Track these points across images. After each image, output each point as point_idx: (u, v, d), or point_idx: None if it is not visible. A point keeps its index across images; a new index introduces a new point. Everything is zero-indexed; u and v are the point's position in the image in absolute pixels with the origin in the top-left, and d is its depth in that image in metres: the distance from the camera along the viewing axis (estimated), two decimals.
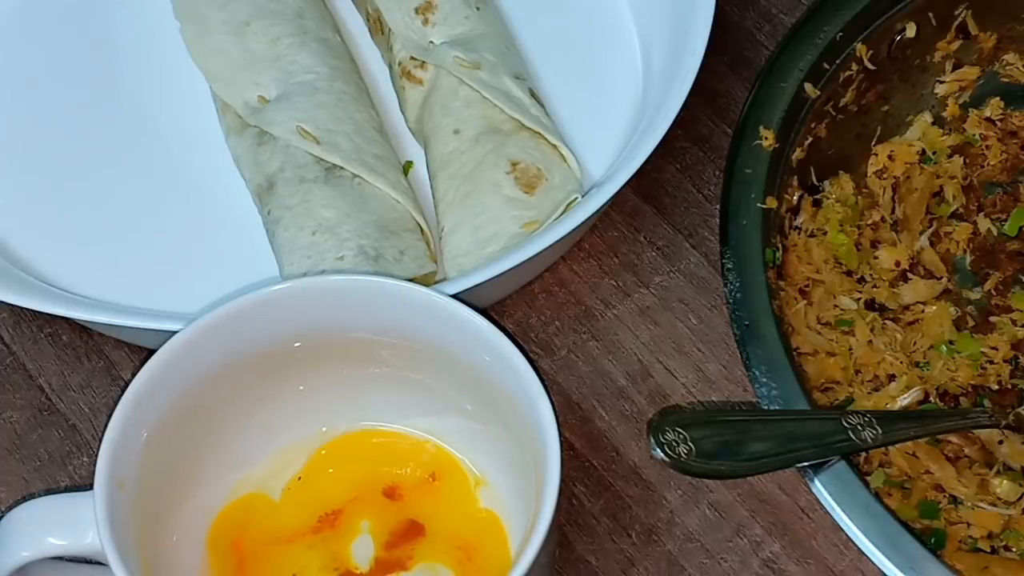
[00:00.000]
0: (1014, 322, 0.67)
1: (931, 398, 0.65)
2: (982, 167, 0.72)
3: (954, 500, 0.61)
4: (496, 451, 0.59)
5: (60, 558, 0.54)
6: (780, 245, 0.66)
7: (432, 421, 0.61)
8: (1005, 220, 0.70)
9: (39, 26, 0.79)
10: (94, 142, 0.74)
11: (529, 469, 0.55)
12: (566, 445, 0.65)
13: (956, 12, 0.71)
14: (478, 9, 0.73)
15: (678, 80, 0.66)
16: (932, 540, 0.59)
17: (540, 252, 0.62)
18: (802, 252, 0.67)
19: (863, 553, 0.56)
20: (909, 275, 0.69)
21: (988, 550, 0.60)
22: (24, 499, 0.61)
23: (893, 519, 0.56)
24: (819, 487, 0.57)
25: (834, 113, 0.70)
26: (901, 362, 0.65)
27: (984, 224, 0.70)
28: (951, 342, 0.66)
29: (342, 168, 0.68)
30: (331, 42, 0.74)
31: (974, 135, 0.73)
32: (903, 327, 0.67)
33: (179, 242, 0.71)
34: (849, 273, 0.68)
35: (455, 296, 0.56)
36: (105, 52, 0.78)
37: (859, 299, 0.67)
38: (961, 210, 0.71)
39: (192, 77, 0.73)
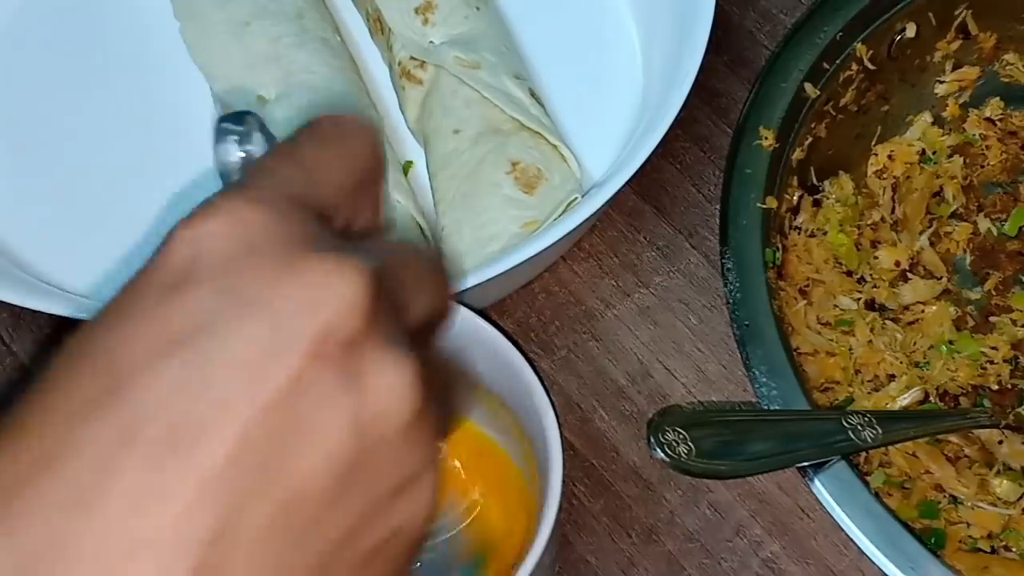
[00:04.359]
0: (1014, 322, 0.67)
1: (931, 398, 0.65)
2: (982, 167, 0.72)
3: (954, 500, 0.61)
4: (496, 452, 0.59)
5: None
6: (780, 245, 0.66)
7: None
8: (1005, 220, 0.70)
9: (38, 27, 0.79)
10: (94, 142, 0.74)
11: (530, 470, 0.55)
12: (566, 445, 0.64)
13: (956, 12, 0.71)
14: (478, 9, 0.73)
15: (678, 80, 0.66)
16: (932, 540, 0.59)
17: (540, 252, 0.62)
18: (802, 252, 0.67)
19: (863, 553, 0.56)
20: (909, 275, 0.69)
21: (988, 550, 0.60)
22: None
23: (893, 519, 0.56)
24: (819, 487, 0.57)
25: (834, 113, 0.70)
26: (901, 362, 0.65)
27: (984, 224, 0.70)
28: (951, 342, 0.66)
29: None
30: (331, 42, 0.74)
31: (974, 135, 0.73)
32: (903, 327, 0.67)
33: None
34: (849, 273, 0.68)
35: None
36: (105, 52, 0.77)
37: (859, 299, 0.67)
38: (961, 210, 0.71)
39: (192, 77, 0.73)
